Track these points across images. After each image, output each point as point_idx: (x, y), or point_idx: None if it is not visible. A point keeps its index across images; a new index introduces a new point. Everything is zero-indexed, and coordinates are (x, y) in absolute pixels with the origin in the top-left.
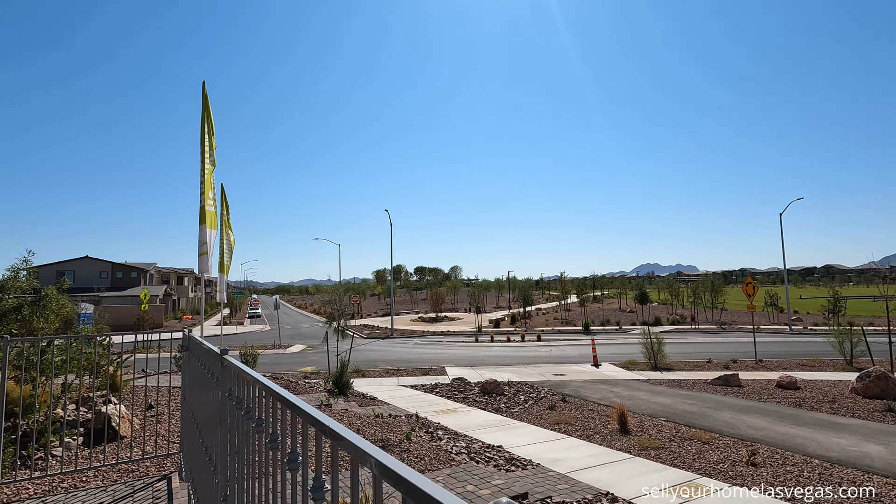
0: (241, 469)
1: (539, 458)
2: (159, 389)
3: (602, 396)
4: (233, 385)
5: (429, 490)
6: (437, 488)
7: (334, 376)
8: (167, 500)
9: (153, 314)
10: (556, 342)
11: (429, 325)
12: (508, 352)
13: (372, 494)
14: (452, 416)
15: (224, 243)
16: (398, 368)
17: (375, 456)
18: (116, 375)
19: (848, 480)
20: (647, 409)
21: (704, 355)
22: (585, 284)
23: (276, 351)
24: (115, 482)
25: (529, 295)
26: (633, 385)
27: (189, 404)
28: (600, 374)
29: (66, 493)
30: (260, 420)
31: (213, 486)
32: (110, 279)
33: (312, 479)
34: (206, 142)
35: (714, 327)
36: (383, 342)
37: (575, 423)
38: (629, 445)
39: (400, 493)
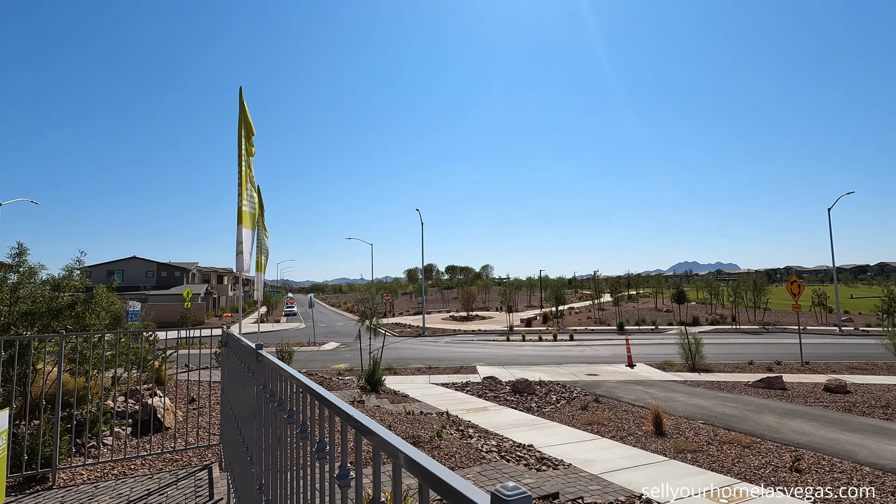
0: (275, 459)
1: (571, 459)
2: (201, 384)
3: (636, 397)
4: (267, 379)
5: (455, 484)
6: (465, 482)
7: (367, 373)
8: (208, 488)
9: (195, 312)
10: (588, 342)
11: (460, 323)
12: (540, 351)
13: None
14: (483, 414)
15: (260, 243)
16: (429, 367)
17: (404, 450)
18: (161, 370)
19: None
20: (683, 412)
21: (746, 357)
22: (620, 283)
23: (310, 348)
24: (160, 470)
25: (561, 294)
26: (669, 386)
27: (228, 398)
28: (635, 375)
29: (115, 479)
30: (291, 412)
31: (250, 475)
32: (156, 278)
33: (339, 468)
34: (242, 145)
35: (756, 328)
36: (415, 340)
37: (608, 423)
38: (664, 448)
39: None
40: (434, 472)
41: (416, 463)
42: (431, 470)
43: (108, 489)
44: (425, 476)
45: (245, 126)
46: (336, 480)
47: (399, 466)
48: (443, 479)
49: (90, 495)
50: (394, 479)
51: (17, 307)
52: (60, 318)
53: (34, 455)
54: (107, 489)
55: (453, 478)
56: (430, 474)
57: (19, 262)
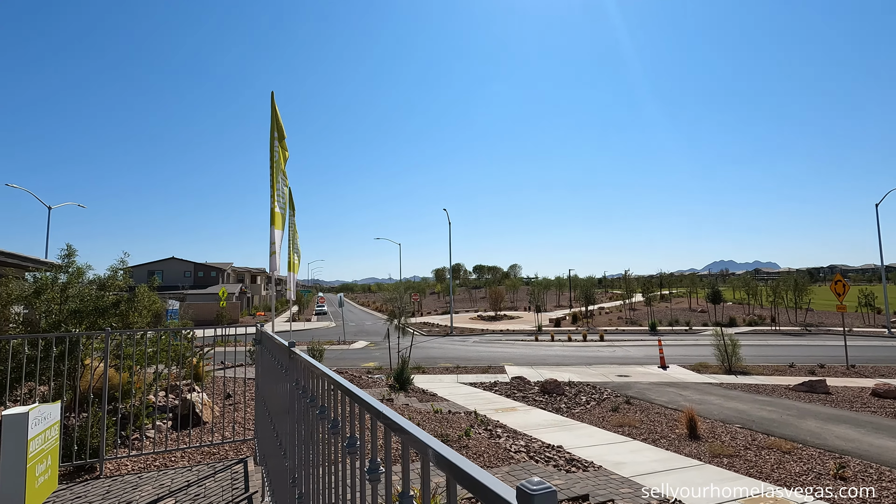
0: (308, 454)
1: (601, 461)
2: (237, 381)
3: (669, 399)
4: (299, 376)
5: (483, 479)
6: (492, 478)
7: (395, 372)
8: (244, 481)
9: (230, 310)
10: (619, 342)
11: (488, 323)
12: (569, 351)
13: (421, 476)
14: (512, 414)
15: (291, 244)
16: (457, 366)
17: (433, 446)
18: (199, 366)
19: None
20: (719, 415)
21: (786, 359)
22: (652, 283)
23: (340, 347)
24: (198, 463)
25: (591, 293)
26: (704, 389)
27: (262, 394)
28: (668, 377)
29: (157, 470)
30: (323, 408)
31: (283, 469)
32: (193, 278)
33: (369, 463)
34: (274, 148)
35: (798, 329)
36: (443, 340)
37: (640, 426)
38: (699, 452)
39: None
40: (462, 467)
41: (445, 458)
42: (460, 465)
43: (151, 480)
44: (453, 471)
45: (277, 129)
46: (366, 475)
47: (428, 462)
48: (470, 475)
49: (134, 485)
50: (423, 474)
51: (66, 305)
52: (106, 316)
53: (83, 446)
54: (150, 479)
55: (481, 473)
56: (458, 470)
57: (68, 263)
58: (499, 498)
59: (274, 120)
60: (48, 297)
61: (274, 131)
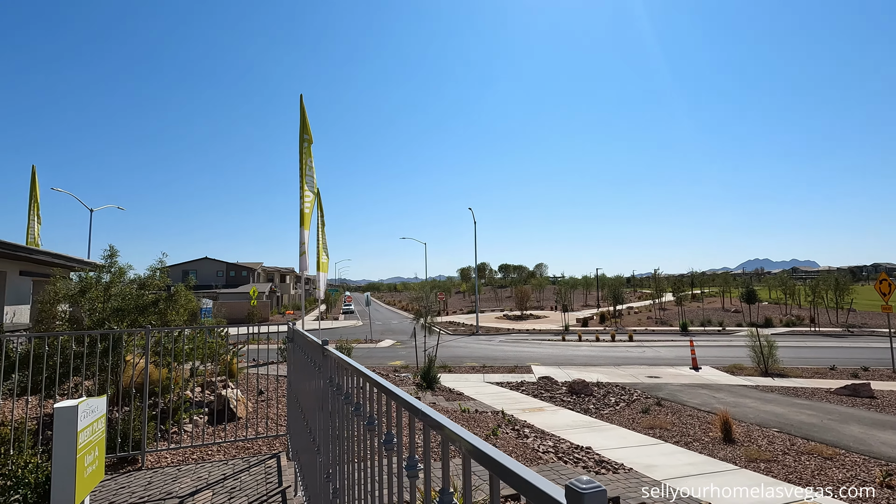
0: (342, 450)
1: (631, 463)
2: (268, 377)
3: (702, 402)
4: (333, 373)
5: (528, 476)
6: (537, 475)
7: (422, 371)
8: (277, 475)
9: (261, 309)
10: (649, 343)
11: (514, 322)
12: (597, 352)
13: (462, 474)
14: (539, 414)
15: (320, 244)
16: (484, 365)
17: (474, 443)
18: (233, 363)
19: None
20: (755, 418)
21: (826, 361)
22: (683, 282)
23: (367, 345)
24: (233, 457)
25: (620, 293)
26: (738, 391)
27: (294, 391)
28: (700, 378)
29: (195, 463)
30: (358, 405)
31: (316, 465)
32: (225, 277)
33: (407, 459)
34: (304, 150)
35: (839, 330)
36: (468, 339)
37: (671, 428)
38: (734, 456)
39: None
40: (507, 465)
41: (487, 455)
42: (504, 463)
43: (189, 472)
44: (497, 468)
45: (305, 132)
46: (405, 471)
47: (469, 459)
48: (516, 472)
49: (174, 477)
50: (464, 470)
51: (109, 304)
52: (146, 314)
53: (126, 438)
54: (188, 472)
55: (526, 471)
56: (502, 467)
57: (110, 264)
58: (547, 497)
59: (302, 122)
60: (92, 295)
61: (303, 133)
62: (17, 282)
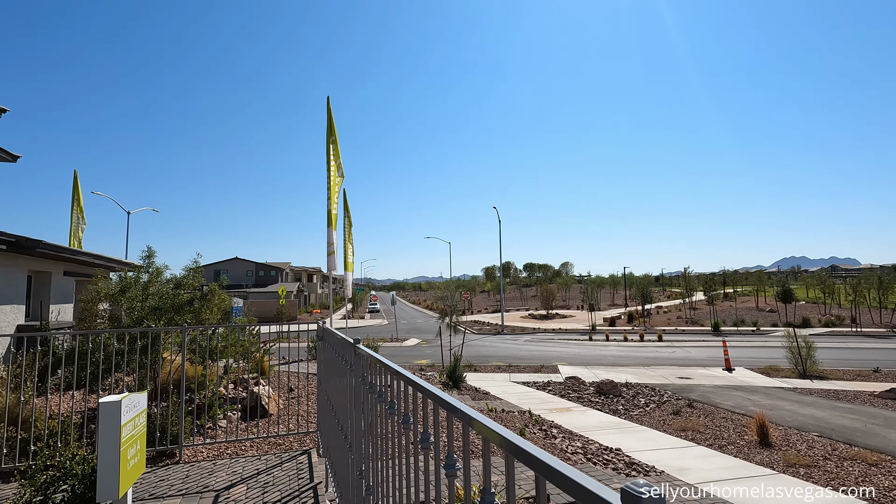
0: (375, 448)
1: (663, 466)
2: (298, 375)
3: (736, 404)
4: (365, 371)
5: (579, 479)
6: (588, 478)
7: (448, 369)
8: (308, 471)
9: (289, 308)
10: (679, 343)
11: (539, 322)
12: (625, 352)
13: (505, 476)
14: (567, 414)
15: (347, 244)
16: (509, 365)
17: (518, 443)
18: (264, 361)
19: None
20: (793, 422)
21: (869, 363)
22: (714, 281)
23: (393, 344)
24: (266, 453)
25: (648, 292)
26: (774, 393)
27: (324, 388)
28: (733, 380)
29: (230, 458)
30: (392, 403)
31: (348, 462)
32: (254, 277)
33: (445, 458)
34: (331, 152)
35: (882, 331)
36: (494, 338)
37: (704, 430)
38: (771, 460)
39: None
40: (555, 466)
41: (533, 457)
42: (552, 465)
43: (224, 467)
44: (543, 469)
45: (333, 133)
46: (443, 469)
47: (512, 458)
48: (565, 474)
49: (210, 471)
50: (507, 471)
51: (147, 303)
52: (182, 312)
53: (164, 433)
54: (223, 466)
55: (576, 473)
56: (550, 469)
57: (148, 264)
58: (600, 500)
59: (329, 124)
60: (132, 294)
61: (330, 134)
62: (62, 282)
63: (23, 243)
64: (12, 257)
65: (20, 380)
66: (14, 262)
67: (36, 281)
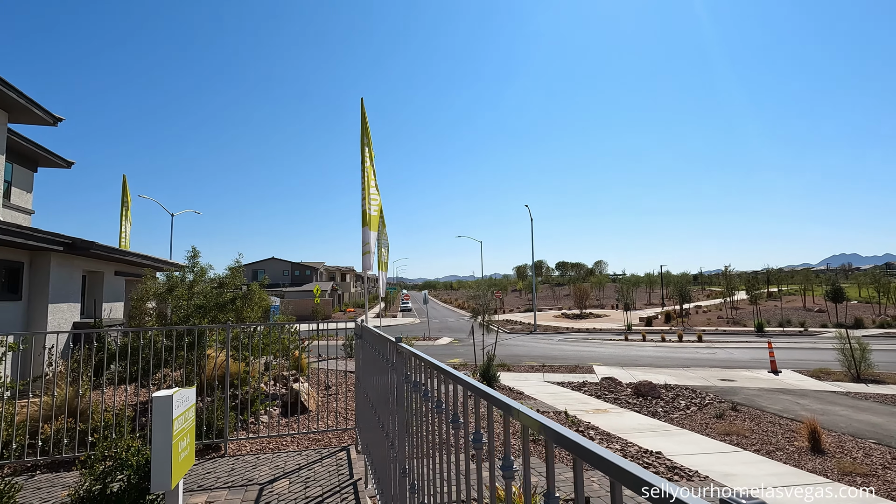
0: (419, 445)
1: (707, 471)
2: (336, 373)
3: (784, 408)
4: (409, 369)
5: (657, 482)
6: (678, 487)
7: (481, 368)
8: (348, 467)
9: (323, 307)
10: (720, 343)
11: (573, 321)
12: (663, 352)
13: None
14: (604, 416)
15: (382, 243)
16: (543, 364)
17: (588, 447)
18: (302, 359)
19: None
20: (847, 428)
21: None
22: (757, 279)
23: (425, 342)
24: (306, 448)
25: (686, 291)
26: (825, 398)
27: (363, 385)
28: (780, 383)
29: (272, 453)
30: (439, 402)
31: (389, 459)
32: (290, 276)
33: (501, 459)
34: (365, 152)
35: None
36: (526, 337)
37: (750, 435)
38: (825, 468)
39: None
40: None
41: (610, 462)
42: (632, 471)
43: (267, 461)
44: (621, 476)
45: (367, 134)
46: (500, 471)
47: (581, 463)
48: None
49: (253, 465)
50: (575, 475)
51: (192, 301)
52: (224, 311)
53: (210, 427)
54: (266, 461)
55: (663, 482)
56: (628, 474)
57: (193, 264)
58: None
59: (364, 124)
60: (178, 293)
61: (364, 136)
62: (113, 281)
63: (78, 245)
64: (69, 258)
65: (77, 374)
66: (70, 262)
67: (90, 280)
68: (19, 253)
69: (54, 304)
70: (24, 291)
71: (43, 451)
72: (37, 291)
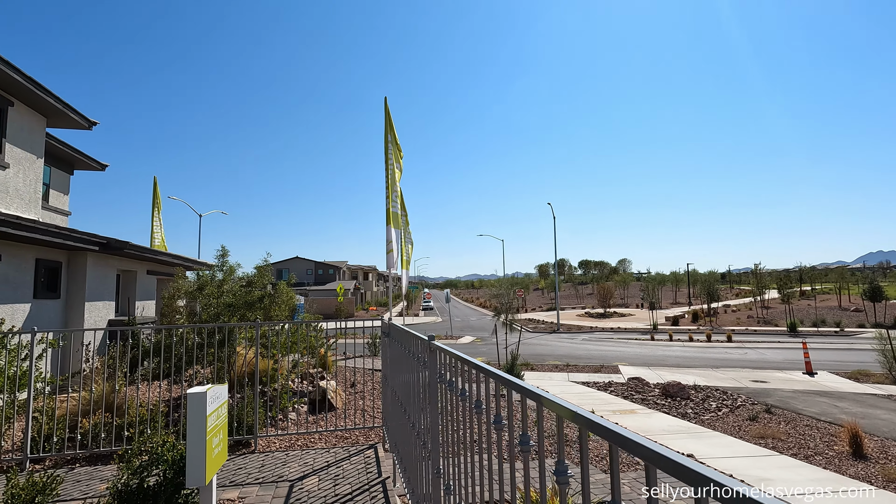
0: (456, 445)
1: (742, 475)
2: (363, 371)
3: (821, 411)
4: (441, 367)
5: (730, 483)
6: (737, 482)
7: (505, 367)
8: (376, 465)
9: (346, 305)
10: (751, 344)
11: (596, 320)
12: (691, 352)
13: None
14: (631, 417)
15: (405, 242)
16: (567, 364)
17: (663, 453)
18: (328, 356)
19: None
20: (890, 432)
21: None
22: (789, 277)
23: (447, 341)
24: (334, 446)
25: (714, 289)
26: (865, 401)
27: (390, 384)
28: (816, 385)
29: (300, 450)
30: (479, 402)
31: (418, 458)
32: (314, 275)
33: (555, 464)
34: (389, 151)
35: None
36: (549, 337)
37: (786, 438)
38: (868, 474)
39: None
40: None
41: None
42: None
43: (296, 458)
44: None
45: (391, 132)
46: (554, 475)
47: (654, 470)
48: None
49: (283, 461)
50: (648, 484)
51: (222, 299)
52: (253, 309)
53: (240, 423)
54: (295, 457)
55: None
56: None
57: (222, 263)
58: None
59: (388, 123)
60: (208, 292)
61: (388, 134)
62: (145, 280)
63: (113, 245)
64: (104, 258)
65: (112, 370)
66: (105, 262)
67: (123, 279)
68: (58, 253)
69: (91, 302)
70: (63, 290)
71: (82, 445)
72: (74, 290)
